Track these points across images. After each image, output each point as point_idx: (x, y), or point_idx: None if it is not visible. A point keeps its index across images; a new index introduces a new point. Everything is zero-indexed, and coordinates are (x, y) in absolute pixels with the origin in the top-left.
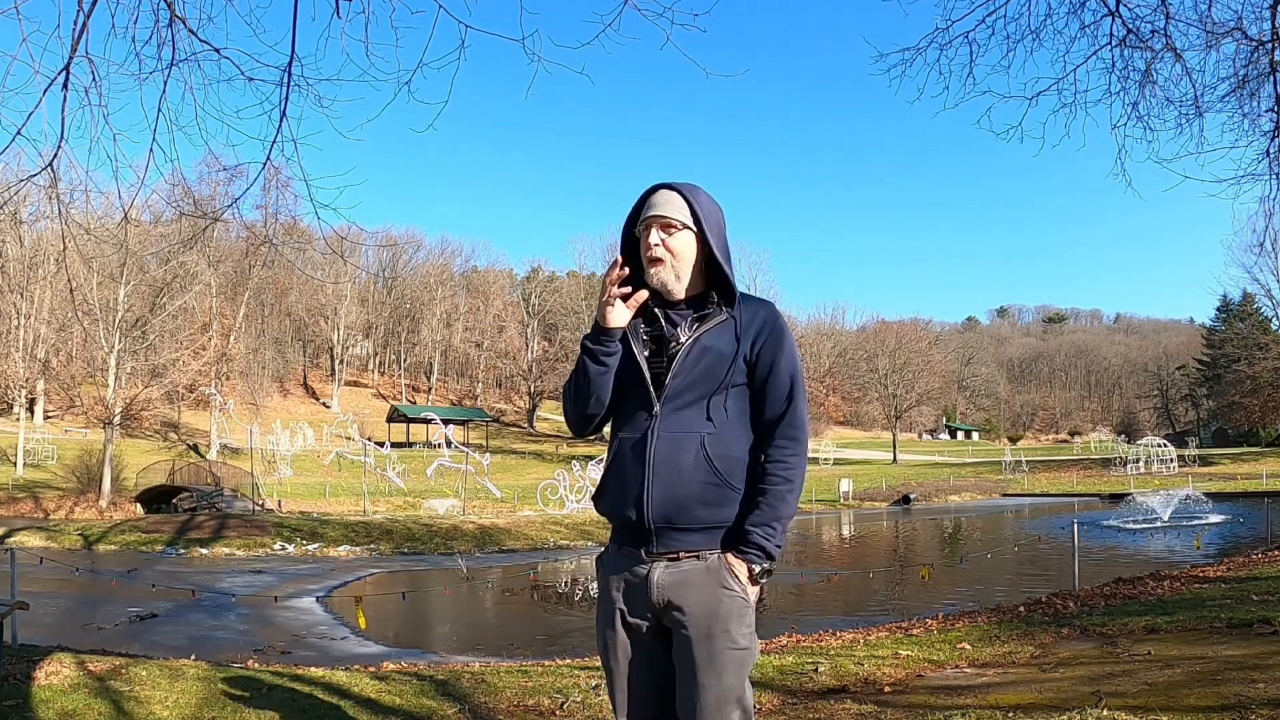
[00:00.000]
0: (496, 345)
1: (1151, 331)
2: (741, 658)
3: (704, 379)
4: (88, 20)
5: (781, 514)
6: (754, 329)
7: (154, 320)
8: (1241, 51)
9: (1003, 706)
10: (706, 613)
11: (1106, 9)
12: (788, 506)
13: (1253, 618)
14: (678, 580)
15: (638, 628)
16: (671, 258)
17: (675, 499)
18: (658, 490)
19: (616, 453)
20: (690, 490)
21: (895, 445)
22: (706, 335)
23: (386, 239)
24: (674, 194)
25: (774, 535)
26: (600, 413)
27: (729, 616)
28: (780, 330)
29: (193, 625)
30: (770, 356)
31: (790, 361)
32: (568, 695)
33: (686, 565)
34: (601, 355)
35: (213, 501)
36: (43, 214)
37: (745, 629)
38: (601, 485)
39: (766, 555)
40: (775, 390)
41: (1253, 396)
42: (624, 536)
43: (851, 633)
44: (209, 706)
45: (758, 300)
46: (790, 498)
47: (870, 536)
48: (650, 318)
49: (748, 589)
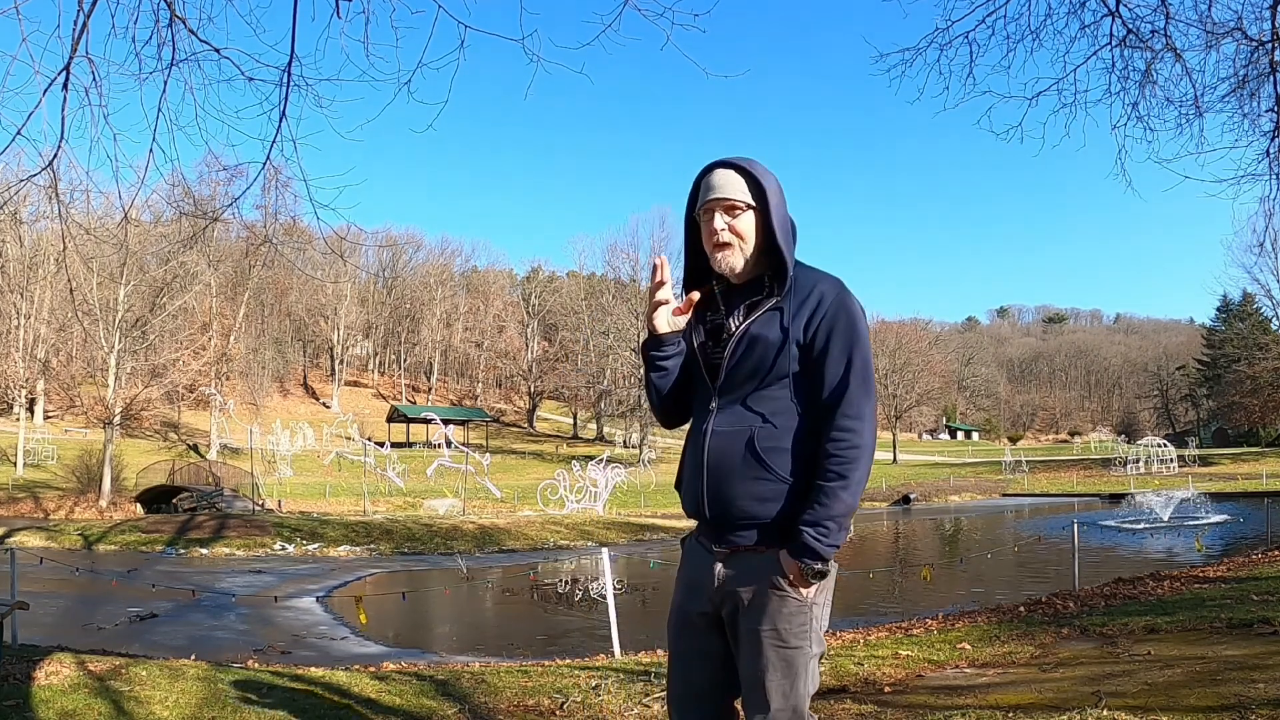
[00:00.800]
0: (496, 345)
1: (1151, 331)
2: (790, 657)
3: (755, 369)
4: (88, 20)
5: (835, 512)
6: (809, 308)
7: (154, 320)
8: (1241, 51)
9: (1003, 706)
10: (757, 610)
11: (1106, 9)
12: (841, 504)
13: (1253, 618)
14: (734, 575)
15: (699, 618)
16: (740, 241)
17: (728, 496)
18: (711, 487)
19: (684, 446)
20: (742, 487)
21: (895, 445)
22: (756, 323)
23: (386, 239)
24: (733, 172)
25: (827, 535)
26: (674, 407)
27: (777, 615)
28: (839, 307)
29: (193, 625)
30: (825, 337)
31: (846, 342)
32: (568, 695)
33: (744, 561)
34: (656, 361)
35: (213, 501)
36: (43, 214)
37: (798, 628)
38: (678, 479)
39: (817, 556)
40: (829, 374)
41: (1253, 396)
42: (698, 529)
43: (851, 633)
44: (209, 706)
45: (819, 275)
46: (844, 494)
47: (870, 536)
48: (715, 305)
49: (800, 589)
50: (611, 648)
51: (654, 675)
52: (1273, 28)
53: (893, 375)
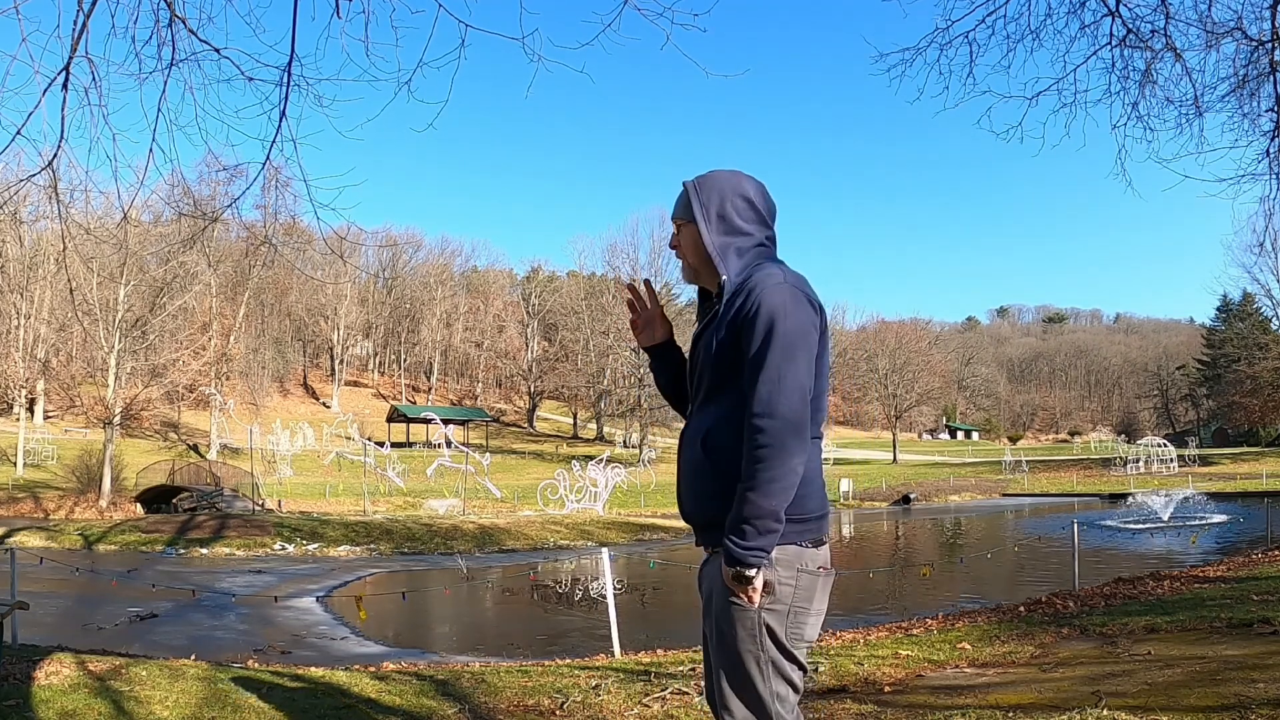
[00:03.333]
0: (496, 345)
1: (1151, 331)
2: (733, 660)
3: (707, 375)
4: (88, 20)
5: (745, 515)
6: (743, 310)
7: (154, 320)
8: (1241, 51)
9: (1003, 706)
10: (713, 612)
11: (1106, 9)
12: (751, 506)
13: (1253, 618)
14: (706, 574)
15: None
16: (686, 255)
17: (692, 497)
18: (683, 490)
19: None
20: (701, 488)
21: (895, 445)
22: (706, 330)
23: (386, 239)
24: (682, 190)
25: (742, 538)
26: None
27: (722, 617)
28: (758, 305)
29: (193, 625)
30: (748, 335)
31: (758, 339)
32: (568, 695)
33: (712, 561)
34: (652, 364)
35: (213, 501)
36: (43, 214)
37: (745, 632)
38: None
39: (734, 560)
40: (749, 374)
41: (1253, 396)
42: None
43: (851, 632)
44: (209, 706)
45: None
46: (752, 495)
47: (870, 536)
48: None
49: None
50: (611, 647)
51: (654, 675)
52: (1273, 27)
53: (893, 375)
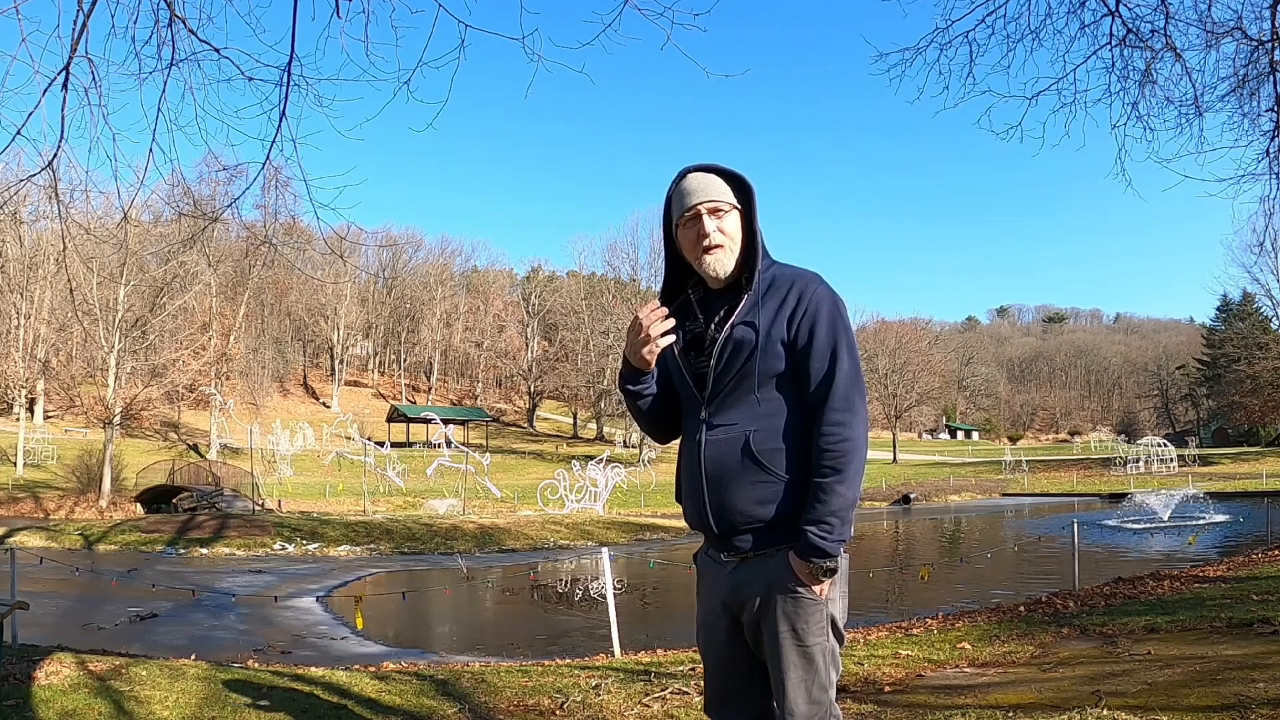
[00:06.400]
0: (496, 345)
1: (1151, 331)
2: (810, 654)
3: (743, 372)
4: (87, 20)
5: (834, 507)
6: (790, 304)
7: (154, 320)
8: (1241, 51)
9: (1003, 706)
10: (772, 612)
11: (1106, 9)
12: (839, 498)
13: (1253, 617)
14: (748, 580)
15: (722, 626)
16: (730, 242)
17: (731, 504)
18: (714, 498)
19: (679, 459)
20: (743, 492)
21: (895, 445)
22: (738, 326)
23: (386, 239)
24: (711, 176)
25: (831, 531)
26: (665, 421)
27: (794, 615)
28: (821, 300)
29: (193, 625)
30: (808, 332)
31: (831, 335)
32: (568, 695)
33: (754, 566)
34: (642, 393)
35: (213, 501)
36: (43, 214)
37: (815, 626)
38: (677, 492)
39: (824, 554)
40: (815, 369)
41: (1253, 396)
42: (705, 542)
43: (851, 632)
44: (209, 706)
45: (796, 271)
46: (841, 488)
47: (870, 536)
48: (692, 313)
49: (812, 587)
50: (611, 647)
51: (654, 675)
52: (1273, 27)
53: (893, 375)
